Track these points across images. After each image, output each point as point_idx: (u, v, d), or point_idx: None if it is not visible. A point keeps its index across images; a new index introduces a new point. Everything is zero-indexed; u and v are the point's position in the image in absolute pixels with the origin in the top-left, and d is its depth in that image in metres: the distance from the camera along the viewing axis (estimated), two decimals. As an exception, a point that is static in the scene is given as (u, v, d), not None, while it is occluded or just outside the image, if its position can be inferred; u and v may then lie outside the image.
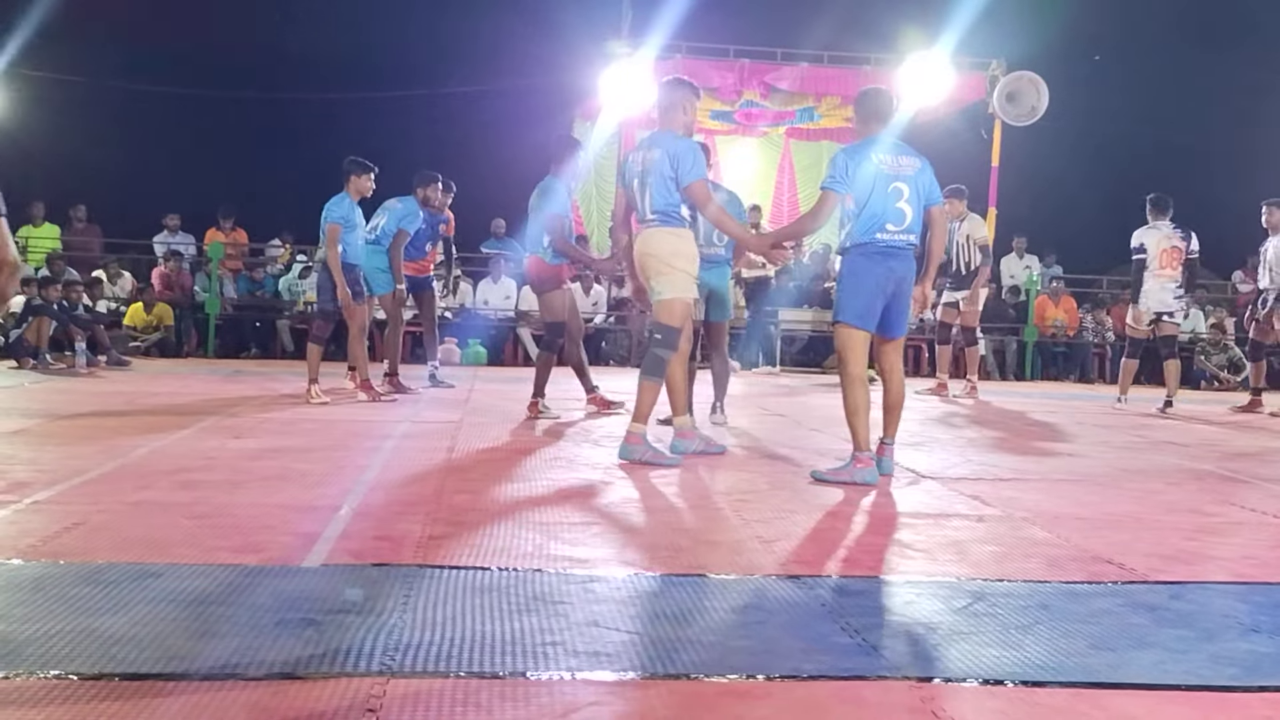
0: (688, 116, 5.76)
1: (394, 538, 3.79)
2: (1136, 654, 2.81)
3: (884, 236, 5.28)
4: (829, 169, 5.44)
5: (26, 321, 11.26)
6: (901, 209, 5.29)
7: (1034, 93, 15.30)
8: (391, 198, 9.30)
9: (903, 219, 5.30)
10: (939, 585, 3.43)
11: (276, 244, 15.68)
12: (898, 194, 5.29)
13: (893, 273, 5.31)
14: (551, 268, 7.71)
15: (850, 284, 5.38)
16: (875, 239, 5.27)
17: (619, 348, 14.95)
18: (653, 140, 5.78)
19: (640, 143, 6.01)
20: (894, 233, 5.29)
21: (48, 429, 6.46)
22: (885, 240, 5.28)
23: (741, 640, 2.81)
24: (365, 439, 6.39)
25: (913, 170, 5.37)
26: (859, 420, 5.30)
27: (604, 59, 15.32)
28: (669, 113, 5.75)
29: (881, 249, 5.28)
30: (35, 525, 3.81)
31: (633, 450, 5.68)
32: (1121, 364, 10.78)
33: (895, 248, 5.30)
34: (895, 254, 5.31)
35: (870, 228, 5.27)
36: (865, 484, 5.21)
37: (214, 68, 18.16)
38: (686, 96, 5.76)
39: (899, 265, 5.33)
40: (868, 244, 5.29)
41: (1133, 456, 6.87)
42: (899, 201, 5.29)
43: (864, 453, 5.31)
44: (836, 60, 16.53)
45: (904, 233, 5.31)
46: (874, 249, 5.28)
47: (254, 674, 2.43)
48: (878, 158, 5.31)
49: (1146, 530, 4.44)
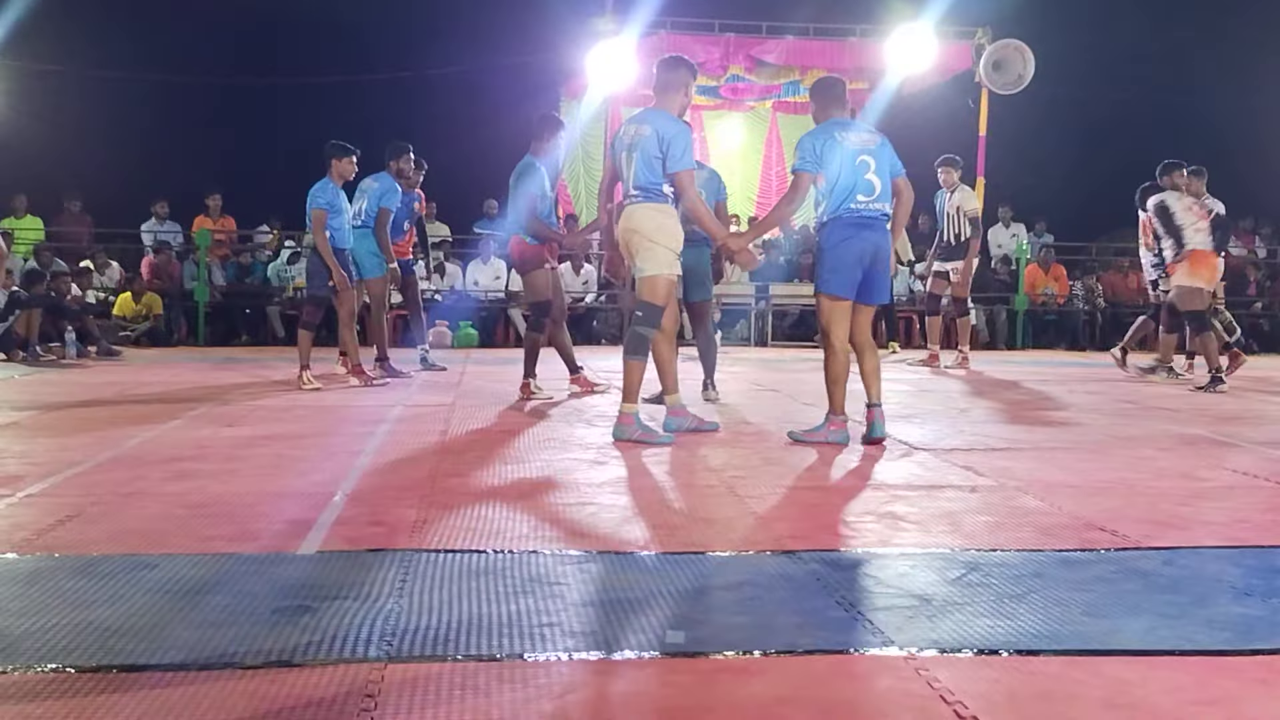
0: (685, 98, 5.83)
1: (389, 522, 3.80)
2: (1130, 620, 2.83)
3: (857, 206, 5.55)
4: (797, 153, 5.71)
5: (15, 314, 11.21)
6: (870, 180, 5.57)
7: (1020, 61, 15.25)
8: (365, 178, 9.23)
9: (872, 189, 5.57)
10: (933, 557, 3.45)
11: (264, 230, 15.62)
12: (865, 166, 5.56)
13: (869, 241, 5.58)
14: (533, 248, 7.67)
15: (830, 256, 5.63)
16: (850, 209, 5.55)
17: (609, 326, 14.94)
18: (645, 116, 5.81)
19: (633, 117, 6.06)
20: (865, 203, 5.56)
21: (39, 421, 6.45)
22: (858, 210, 5.55)
23: (737, 616, 2.82)
24: (358, 424, 6.39)
25: (875, 144, 5.66)
26: (838, 387, 5.68)
27: (589, 36, 15.25)
28: (666, 92, 5.80)
29: (856, 220, 5.55)
30: (29, 518, 3.81)
31: (625, 430, 5.71)
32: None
33: (869, 217, 5.58)
34: (870, 223, 5.59)
35: (843, 200, 5.55)
36: (838, 443, 5.59)
37: (194, 54, 18.02)
38: (684, 77, 5.81)
39: (874, 234, 5.60)
40: (842, 216, 5.57)
41: (1124, 423, 6.89)
42: (867, 174, 5.57)
43: (838, 415, 5.68)
44: (822, 33, 16.47)
45: (875, 202, 5.59)
46: (849, 220, 5.56)
47: (252, 662, 2.44)
48: (841, 135, 5.60)
49: (1138, 496, 4.46)
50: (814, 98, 5.94)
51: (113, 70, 16.78)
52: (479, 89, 17.42)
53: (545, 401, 7.53)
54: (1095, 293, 15.94)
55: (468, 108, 17.37)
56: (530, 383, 7.72)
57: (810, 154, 5.57)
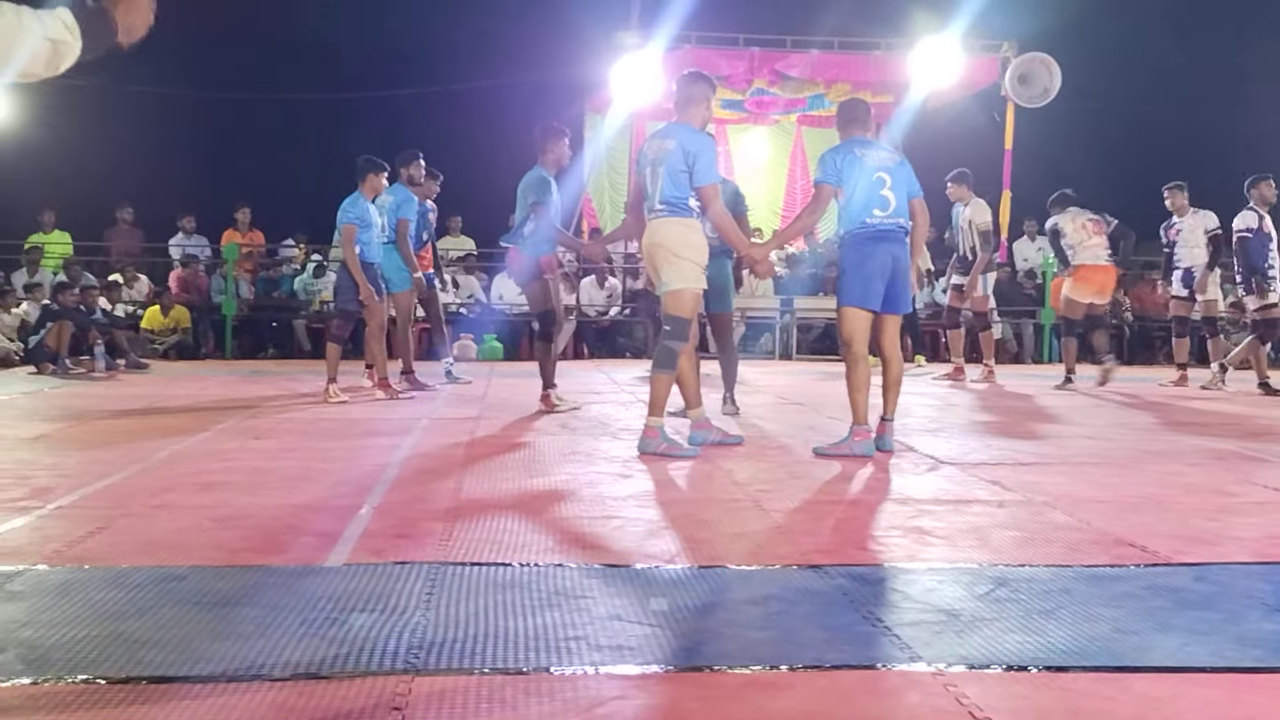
0: (706, 111, 5.91)
1: (415, 535, 3.81)
2: (1160, 637, 2.80)
3: (873, 220, 5.73)
4: (819, 167, 5.91)
5: (46, 327, 11.32)
6: (885, 196, 5.75)
7: (1046, 74, 15.22)
8: (381, 194, 9.24)
9: (888, 205, 5.75)
10: (960, 572, 3.43)
11: (290, 244, 15.72)
12: (881, 183, 5.75)
13: (887, 253, 5.75)
14: (530, 259, 7.63)
15: (850, 269, 5.82)
16: (866, 223, 5.73)
17: (634, 340, 14.95)
18: (669, 131, 5.86)
19: (656, 132, 6.10)
20: (881, 217, 5.74)
21: (69, 433, 6.51)
22: (874, 224, 5.73)
23: (763, 631, 2.82)
24: (384, 437, 6.41)
25: (893, 163, 5.86)
26: (860, 396, 5.78)
27: (613, 51, 15.30)
28: (686, 106, 5.84)
29: (873, 233, 5.73)
30: (59, 530, 3.84)
31: (650, 443, 5.74)
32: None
33: (886, 230, 5.75)
34: (887, 236, 5.76)
35: (860, 214, 5.74)
36: (863, 455, 5.66)
37: (225, 69, 18.20)
38: (704, 91, 5.89)
39: (893, 246, 5.77)
40: (859, 230, 5.75)
41: (1153, 438, 6.84)
42: (882, 190, 5.75)
43: (862, 426, 5.77)
44: (847, 46, 16.47)
45: (891, 217, 5.77)
46: (867, 234, 5.74)
47: (280, 674, 2.45)
48: (860, 152, 5.81)
49: (1168, 512, 4.43)
50: (838, 118, 6.23)
51: (141, 86, 16.94)
52: (504, 104, 17.51)
53: (570, 414, 7.53)
54: (1122, 306, 15.82)
55: (493, 122, 17.45)
56: (550, 394, 7.71)
57: (832, 167, 5.78)
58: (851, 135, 5.96)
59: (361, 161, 8.66)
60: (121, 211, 15.37)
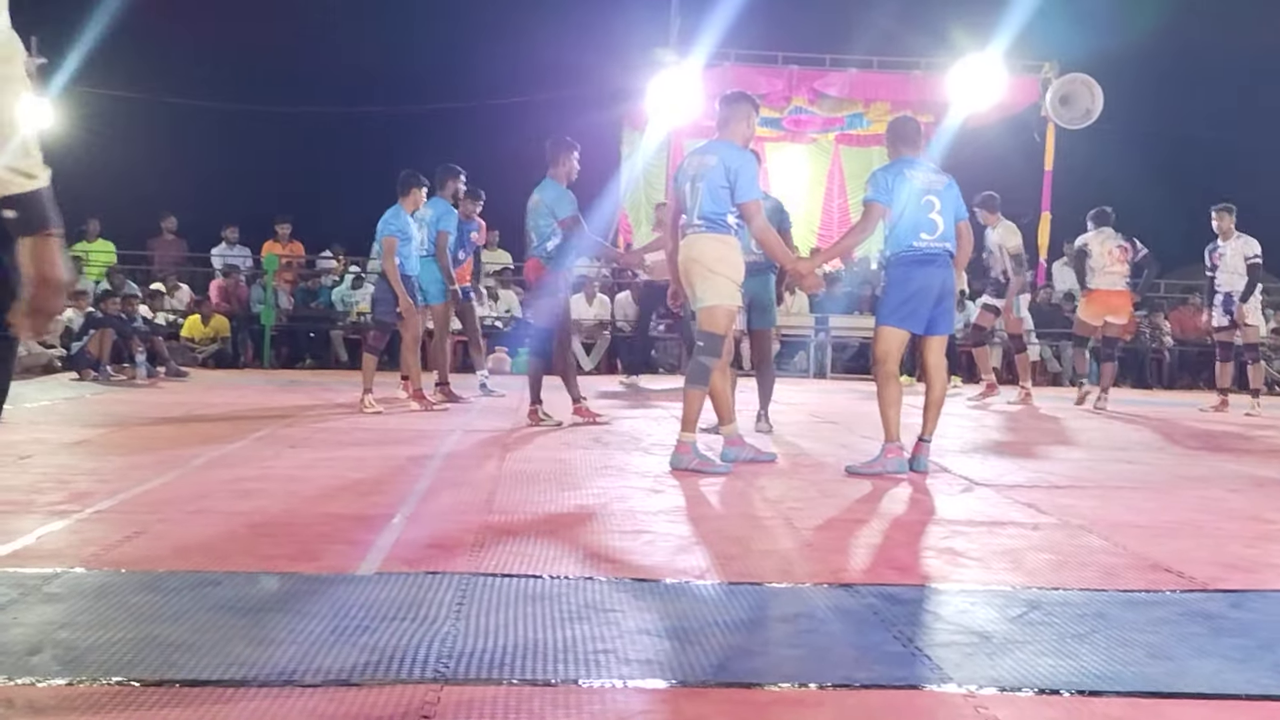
0: (748, 129, 5.92)
1: (447, 546, 3.83)
2: (1196, 663, 2.77)
3: (920, 244, 5.73)
4: (870, 185, 5.89)
5: (88, 334, 11.47)
6: (934, 219, 5.75)
7: (1088, 95, 15.16)
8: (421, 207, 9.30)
9: (935, 228, 5.75)
10: (993, 594, 3.40)
11: (328, 255, 15.86)
12: (930, 206, 5.75)
13: (934, 277, 5.75)
14: (551, 273, 7.65)
15: (894, 291, 5.83)
16: (913, 246, 5.73)
17: (669, 356, 14.95)
18: (711, 147, 5.87)
19: (698, 148, 6.11)
20: (929, 240, 5.74)
21: (109, 439, 6.59)
22: (922, 247, 5.73)
23: (793, 649, 2.81)
24: (418, 448, 6.45)
25: (941, 186, 5.84)
26: (892, 413, 5.79)
27: (652, 67, 15.36)
28: (729, 124, 5.88)
29: (920, 256, 5.74)
30: (97, 534, 3.89)
31: (683, 459, 5.75)
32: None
33: (932, 254, 5.75)
34: (933, 259, 5.76)
35: (908, 236, 5.74)
36: (896, 473, 5.65)
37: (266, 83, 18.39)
38: (747, 109, 5.91)
39: (938, 270, 5.77)
40: (906, 253, 5.76)
41: (1192, 463, 6.76)
42: (931, 213, 5.75)
43: (894, 443, 5.76)
44: (886, 65, 16.47)
45: (938, 240, 5.76)
46: (913, 256, 5.75)
47: (311, 681, 2.47)
48: (910, 173, 5.80)
49: (1206, 538, 4.37)
50: (887, 136, 6.21)
51: (188, 98, 17.17)
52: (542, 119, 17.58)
53: (602, 429, 7.54)
54: (1161, 330, 15.67)
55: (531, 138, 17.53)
56: (538, 409, 7.74)
57: (883, 186, 5.78)
58: (901, 154, 5.95)
59: (404, 175, 8.73)
60: (165, 221, 15.58)
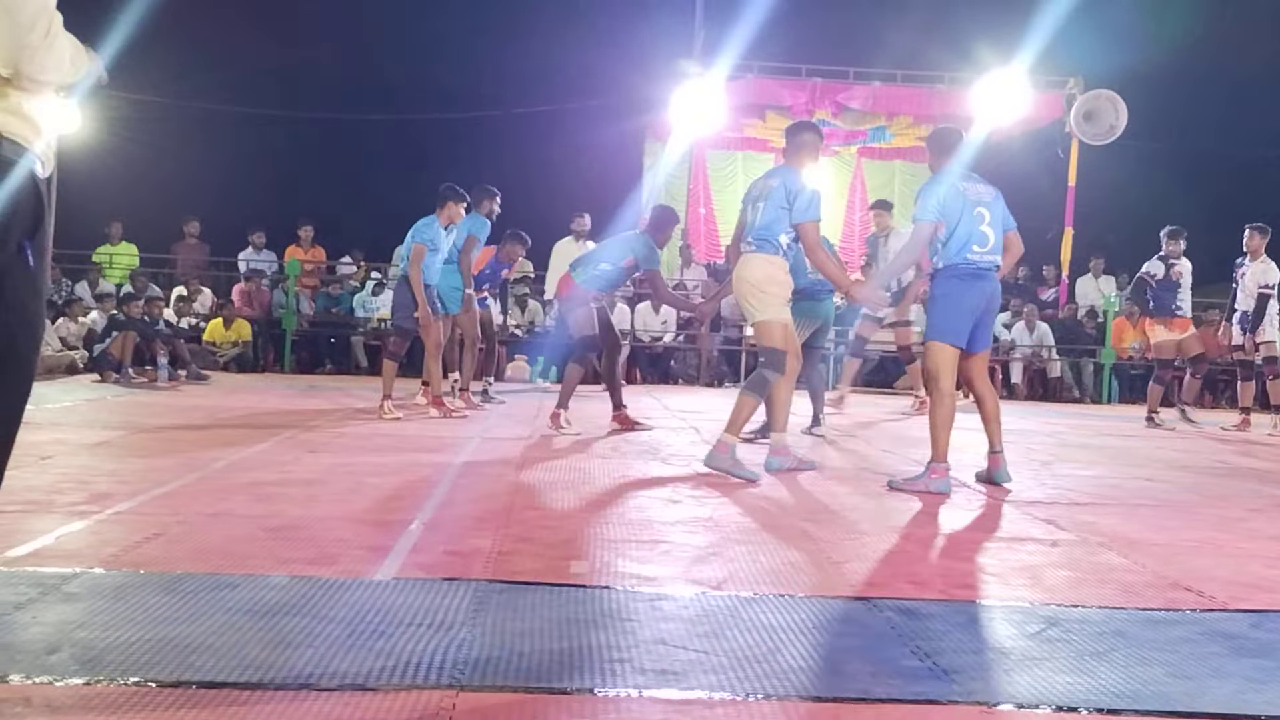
0: (812, 157, 6.26)
1: (464, 552, 3.83)
2: (1215, 683, 2.75)
3: (973, 257, 5.65)
4: (919, 202, 5.79)
5: (111, 336, 11.55)
6: (985, 232, 5.68)
7: (1112, 111, 15.11)
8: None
9: (987, 241, 5.68)
10: (1011, 610, 3.38)
11: (347, 261, 15.93)
12: (980, 218, 5.68)
13: (984, 292, 5.70)
14: (581, 289, 7.90)
15: (944, 304, 5.73)
16: (966, 259, 5.64)
17: (687, 367, 14.95)
18: (776, 172, 6.23)
19: (765, 173, 6.48)
20: (981, 253, 5.67)
21: (129, 441, 6.62)
22: (975, 260, 5.65)
23: (810, 661, 2.80)
24: (437, 454, 6.46)
25: (990, 197, 5.77)
26: (943, 433, 5.66)
27: (675, 78, 15.38)
28: (796, 152, 6.21)
29: (972, 270, 5.66)
30: (116, 535, 3.91)
31: (718, 459, 5.86)
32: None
33: (983, 268, 5.68)
34: (985, 274, 5.70)
35: (960, 249, 5.65)
36: (940, 493, 5.51)
37: (290, 89, 18.52)
38: (813, 139, 6.27)
39: (988, 285, 5.72)
40: (960, 265, 5.66)
41: (1213, 482, 6.72)
42: (982, 225, 5.68)
43: (941, 464, 5.63)
44: (910, 79, 16.46)
45: (989, 254, 5.70)
46: (966, 270, 5.66)
47: (328, 685, 2.47)
48: (960, 185, 5.71)
49: (1226, 557, 4.34)
50: (930, 147, 6.09)
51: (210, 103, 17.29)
52: (566, 129, 17.66)
53: (621, 438, 7.54)
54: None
55: (553, 148, 17.61)
56: (561, 414, 7.79)
57: (933, 203, 5.68)
58: (945, 166, 5.84)
59: (443, 189, 8.78)
60: (188, 225, 15.68)
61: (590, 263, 8.00)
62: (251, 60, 17.47)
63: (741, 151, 17.98)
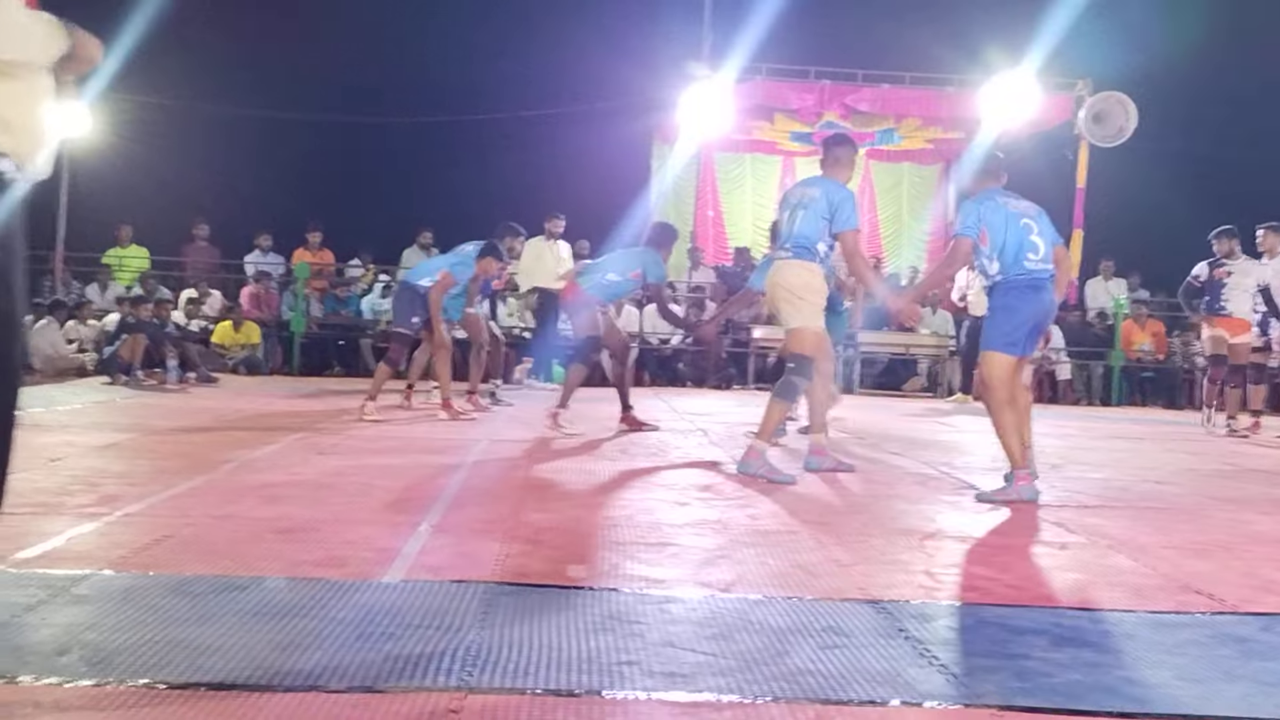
0: (849, 171, 6.41)
1: (472, 554, 3.83)
2: (1225, 686, 2.74)
3: (1030, 267, 5.61)
4: (959, 218, 5.84)
5: (120, 338, 11.58)
6: (1035, 241, 5.66)
7: (1122, 113, 15.08)
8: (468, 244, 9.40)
9: (1038, 250, 5.65)
10: (1021, 613, 3.37)
11: (356, 264, 15.96)
12: (1028, 229, 5.67)
13: (1044, 303, 5.67)
14: (584, 294, 8.03)
15: (1003, 315, 5.68)
16: (1024, 269, 5.61)
17: (695, 369, 14.95)
18: (816, 182, 6.36)
19: (803, 181, 6.68)
20: (1036, 261, 5.64)
21: (138, 443, 6.64)
22: (1033, 269, 5.62)
23: (818, 664, 2.79)
24: (445, 456, 6.47)
25: (1034, 211, 5.78)
26: (1011, 440, 5.62)
27: (683, 80, 15.37)
28: (834, 165, 6.35)
29: (1032, 280, 5.62)
30: (126, 537, 3.92)
31: (751, 464, 5.92)
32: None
33: (1040, 278, 5.65)
34: (1043, 285, 5.66)
35: (1017, 258, 5.61)
36: (1030, 500, 5.46)
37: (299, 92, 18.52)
38: (850, 153, 6.46)
39: (1047, 296, 5.68)
40: (1019, 277, 5.62)
41: (1223, 484, 6.70)
42: (1031, 235, 5.66)
43: (1023, 469, 5.59)
44: (918, 81, 16.44)
45: (1043, 263, 5.66)
46: (1026, 281, 5.62)
47: (336, 686, 2.47)
48: (1003, 200, 5.75)
49: (1236, 560, 4.33)
50: (976, 173, 6.11)
51: (220, 105, 17.33)
52: (573, 131, 17.65)
53: (629, 439, 7.54)
54: (1192, 349, 15.52)
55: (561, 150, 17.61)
56: (560, 413, 7.84)
57: (973, 219, 5.69)
58: (987, 187, 5.87)
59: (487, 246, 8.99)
60: (197, 228, 15.73)
61: (597, 271, 8.13)
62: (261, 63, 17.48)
63: (750, 154, 17.98)
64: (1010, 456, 5.63)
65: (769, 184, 17.69)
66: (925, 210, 18.48)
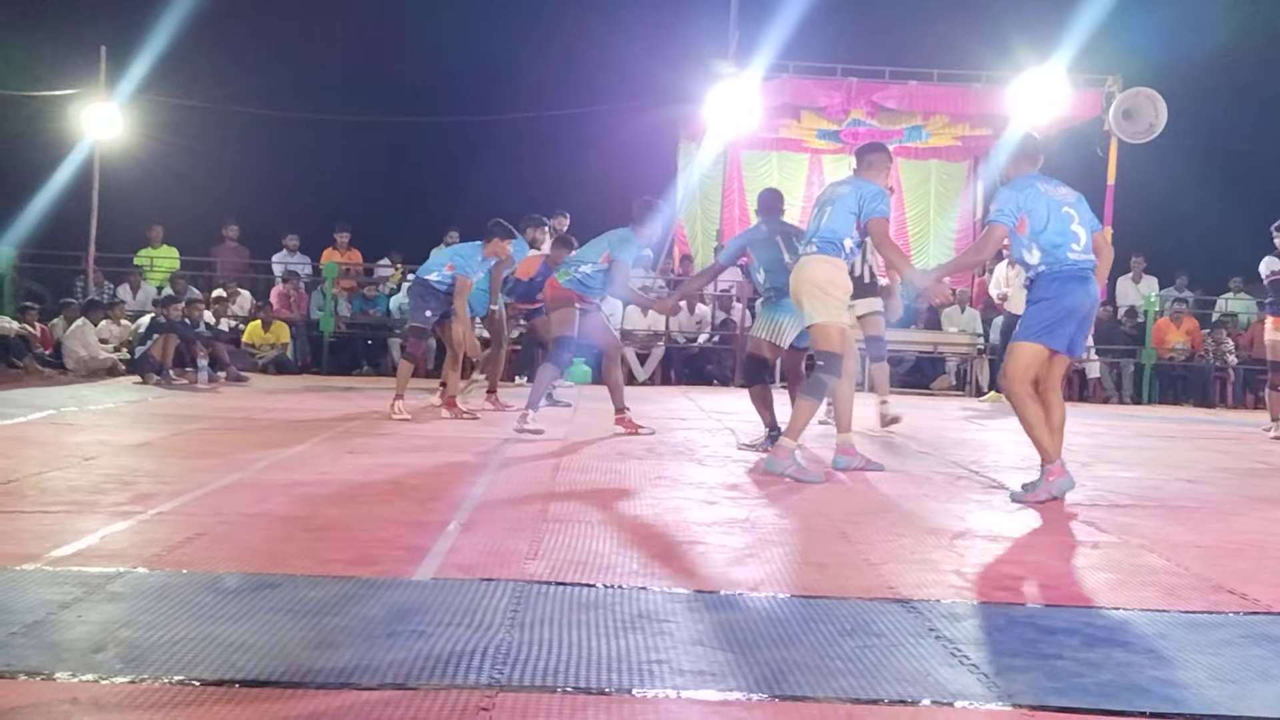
0: (883, 177, 6.37)
1: (501, 553, 3.85)
2: (1259, 686, 2.72)
3: (1074, 258, 5.43)
4: (996, 204, 5.65)
5: (152, 338, 11.68)
6: (1076, 231, 5.48)
7: (1152, 109, 14.94)
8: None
9: (1080, 240, 5.48)
10: (1052, 612, 3.36)
11: (385, 264, 16.02)
12: (1069, 218, 5.49)
13: (1090, 295, 5.49)
14: (565, 291, 7.88)
15: (1045, 306, 5.46)
16: (1068, 259, 5.43)
17: (723, 368, 14.93)
18: (850, 180, 6.39)
19: (838, 180, 6.65)
20: (1079, 252, 5.46)
21: (171, 442, 6.70)
22: (1076, 259, 5.44)
23: (848, 663, 2.79)
24: (474, 455, 6.49)
25: (1073, 198, 5.60)
26: (1040, 433, 5.47)
27: (710, 78, 15.34)
28: (868, 170, 6.38)
29: (1075, 271, 5.44)
30: (160, 535, 3.96)
31: (779, 464, 5.90)
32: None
33: (1084, 268, 5.47)
34: (1087, 276, 5.48)
35: (1059, 249, 5.43)
36: (1065, 492, 5.42)
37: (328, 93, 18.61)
38: (884, 159, 6.45)
39: (1093, 288, 5.52)
40: (1063, 269, 5.43)
41: (1256, 483, 6.64)
42: (1072, 224, 5.48)
43: (1052, 463, 5.45)
44: (946, 78, 16.33)
45: (1085, 254, 5.48)
46: (1070, 272, 5.43)
47: (368, 683, 2.49)
48: (1043, 187, 5.55)
49: (1270, 559, 4.29)
50: (1013, 154, 5.91)
51: (248, 106, 17.43)
52: (600, 130, 17.65)
53: (655, 439, 7.53)
54: (1225, 347, 15.37)
55: (587, 148, 17.62)
56: (529, 414, 7.69)
57: (1011, 206, 5.49)
58: (1024, 172, 5.68)
59: (492, 225, 8.83)
60: (227, 229, 15.84)
61: (573, 265, 7.95)
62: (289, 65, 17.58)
63: (777, 152, 17.93)
64: (1041, 450, 5.46)
65: (796, 181, 17.63)
66: (953, 208, 18.37)
